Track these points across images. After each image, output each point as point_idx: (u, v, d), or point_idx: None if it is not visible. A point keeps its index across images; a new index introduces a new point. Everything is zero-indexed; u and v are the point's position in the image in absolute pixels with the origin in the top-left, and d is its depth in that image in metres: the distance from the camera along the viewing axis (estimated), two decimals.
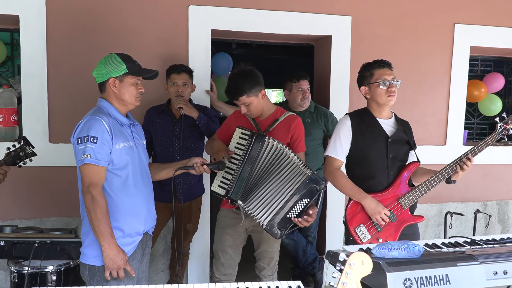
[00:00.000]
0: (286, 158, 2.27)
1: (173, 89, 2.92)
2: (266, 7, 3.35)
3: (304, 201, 2.25)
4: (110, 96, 2.03)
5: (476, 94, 4.13)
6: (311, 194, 2.26)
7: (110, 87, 2.01)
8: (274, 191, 2.27)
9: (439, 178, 2.34)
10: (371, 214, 2.32)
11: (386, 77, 2.34)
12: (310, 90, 3.51)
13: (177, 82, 2.91)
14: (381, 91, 2.35)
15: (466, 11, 3.76)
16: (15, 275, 2.32)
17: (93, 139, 1.89)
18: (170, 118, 2.97)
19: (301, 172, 2.25)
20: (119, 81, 2.00)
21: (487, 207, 4.05)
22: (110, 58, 2.02)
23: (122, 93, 2.02)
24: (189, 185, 3.04)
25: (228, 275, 2.56)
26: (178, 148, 2.92)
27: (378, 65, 2.39)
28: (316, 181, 2.24)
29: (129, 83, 2.02)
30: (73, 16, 3.06)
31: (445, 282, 1.49)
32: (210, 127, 2.91)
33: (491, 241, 2.05)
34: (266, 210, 2.27)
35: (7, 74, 3.57)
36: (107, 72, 2.00)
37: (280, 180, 2.27)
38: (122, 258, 1.93)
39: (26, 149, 2.44)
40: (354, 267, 1.14)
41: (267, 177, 2.29)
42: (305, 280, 3.57)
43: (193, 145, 2.98)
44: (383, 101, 2.37)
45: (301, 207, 2.26)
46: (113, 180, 1.97)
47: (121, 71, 1.99)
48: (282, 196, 2.25)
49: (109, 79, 2.00)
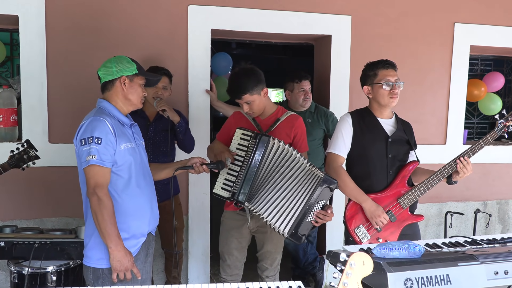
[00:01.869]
0: (293, 159, 2.24)
1: (151, 91, 2.84)
2: (266, 7, 3.34)
3: (320, 203, 2.24)
4: (116, 95, 2.03)
5: (476, 93, 4.13)
6: (326, 196, 2.25)
7: (120, 84, 2.01)
8: (286, 193, 2.24)
9: (439, 177, 2.33)
10: (370, 217, 2.33)
11: (389, 78, 2.34)
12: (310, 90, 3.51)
13: (157, 85, 2.83)
14: (384, 92, 2.34)
15: (466, 10, 3.76)
16: (15, 276, 2.32)
17: (97, 140, 1.88)
18: (144, 120, 2.92)
19: (314, 174, 2.23)
20: (129, 80, 2.02)
21: (487, 206, 4.05)
22: (121, 58, 2.04)
23: (129, 93, 2.03)
24: (162, 184, 2.91)
25: (235, 275, 2.57)
26: (150, 150, 2.87)
27: (383, 65, 2.37)
28: (330, 181, 2.23)
29: (138, 84, 2.04)
30: (73, 16, 3.06)
31: (446, 282, 1.49)
32: (188, 135, 2.90)
33: (491, 241, 2.05)
34: (280, 214, 2.24)
35: (7, 74, 3.57)
36: (118, 70, 2.00)
37: (291, 182, 2.24)
38: (129, 260, 1.91)
39: (30, 152, 2.50)
40: (355, 267, 1.14)
41: (275, 178, 2.26)
42: (305, 280, 3.57)
43: (165, 149, 2.94)
44: (385, 102, 2.37)
45: (319, 209, 2.25)
46: (117, 182, 1.97)
47: (132, 70, 2.01)
48: (297, 200, 2.23)
49: (120, 77, 2.00)
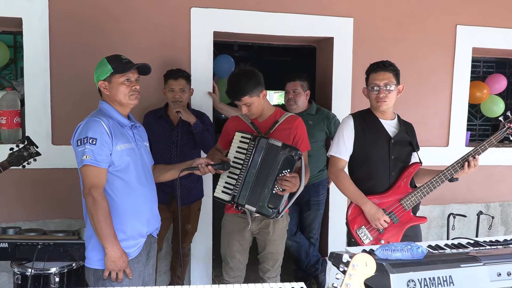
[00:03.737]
0: (277, 149, 2.25)
1: (170, 95, 2.92)
2: (268, 9, 3.35)
3: (284, 172, 2.24)
4: (107, 98, 2.04)
5: (479, 95, 4.13)
6: (289, 165, 2.25)
7: (103, 90, 2.02)
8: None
9: (442, 179, 2.32)
10: (370, 220, 2.33)
11: (377, 82, 2.34)
12: (312, 92, 3.49)
13: (174, 88, 2.90)
14: (372, 95, 2.38)
15: (468, 12, 3.76)
16: (18, 277, 2.33)
17: (92, 140, 1.88)
18: (168, 125, 2.97)
19: (275, 147, 2.24)
20: (107, 82, 2.00)
21: (490, 208, 4.04)
22: (100, 62, 2.03)
23: (113, 94, 2.01)
24: (187, 188, 3.03)
25: (237, 277, 2.57)
26: (175, 154, 2.91)
27: (373, 68, 2.39)
28: (289, 149, 2.23)
29: (118, 82, 2.00)
30: (76, 19, 3.07)
31: (449, 284, 1.49)
32: (204, 136, 2.90)
33: (494, 243, 2.04)
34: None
35: (10, 76, 3.58)
36: (97, 77, 2.02)
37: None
38: (124, 261, 1.92)
39: (30, 149, 2.40)
40: (358, 269, 1.14)
41: (268, 175, 2.27)
42: (307, 282, 3.57)
43: (189, 152, 2.98)
44: (373, 105, 2.40)
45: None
46: (115, 182, 1.96)
47: (107, 72, 1.99)
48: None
49: (99, 83, 2.02)
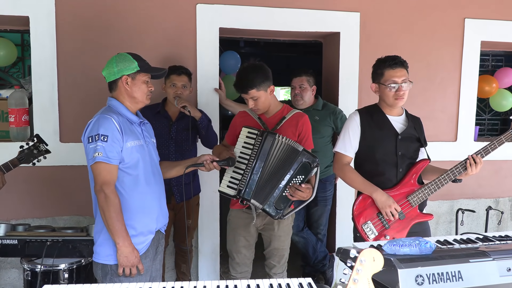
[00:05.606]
0: (296, 153, 2.26)
1: (171, 90, 2.92)
2: (274, 5, 3.34)
3: (298, 178, 2.25)
4: (121, 94, 2.04)
5: (487, 90, 4.08)
6: (305, 171, 2.25)
7: (123, 84, 2.02)
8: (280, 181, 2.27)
9: (450, 177, 2.30)
10: (381, 207, 2.29)
11: (396, 79, 2.28)
12: (319, 88, 3.48)
13: (177, 84, 2.91)
14: (389, 93, 2.31)
15: (476, 5, 3.71)
16: (28, 273, 2.36)
17: (103, 137, 1.89)
18: (166, 120, 2.97)
19: (295, 151, 2.25)
20: (131, 78, 2.02)
21: (499, 203, 4.00)
22: (121, 56, 2.03)
23: (134, 91, 2.03)
24: (184, 184, 2.99)
25: (244, 272, 2.58)
26: (173, 150, 2.92)
27: (389, 64, 2.30)
28: (308, 156, 2.24)
29: (141, 81, 2.03)
30: (82, 17, 3.09)
31: (458, 279, 1.47)
32: (210, 131, 2.91)
33: (504, 238, 2.02)
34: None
35: (18, 75, 3.61)
36: (119, 70, 2.00)
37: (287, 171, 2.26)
38: (136, 256, 1.94)
39: (40, 146, 2.44)
40: (365, 264, 1.13)
41: (279, 174, 2.27)
42: (315, 278, 3.57)
43: (187, 148, 2.98)
44: (390, 102, 2.34)
45: (297, 184, 2.26)
46: (125, 179, 1.98)
47: (133, 68, 2.01)
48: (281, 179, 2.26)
49: (121, 76, 2.00)
